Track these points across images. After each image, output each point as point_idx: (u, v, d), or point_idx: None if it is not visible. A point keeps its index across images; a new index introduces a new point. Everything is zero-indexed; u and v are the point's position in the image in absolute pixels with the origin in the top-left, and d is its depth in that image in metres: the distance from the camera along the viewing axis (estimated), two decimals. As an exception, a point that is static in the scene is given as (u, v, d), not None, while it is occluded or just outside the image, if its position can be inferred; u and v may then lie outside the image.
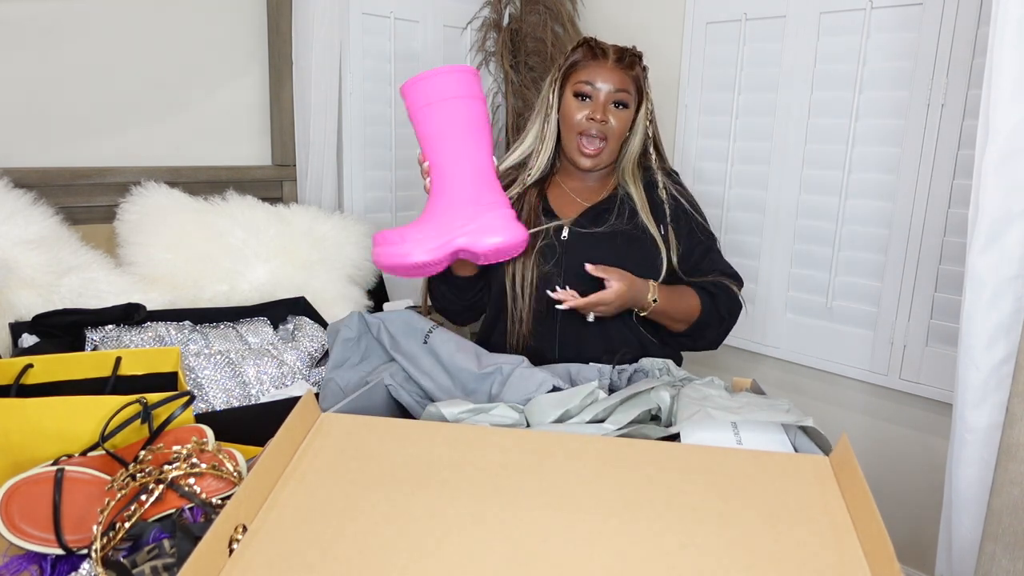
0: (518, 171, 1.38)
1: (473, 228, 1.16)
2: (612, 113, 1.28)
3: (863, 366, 1.76)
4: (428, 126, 1.18)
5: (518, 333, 1.31)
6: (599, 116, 1.27)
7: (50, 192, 1.49)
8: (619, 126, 1.29)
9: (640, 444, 0.76)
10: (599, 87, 1.27)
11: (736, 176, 1.94)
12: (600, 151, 1.29)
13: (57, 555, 0.72)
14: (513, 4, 2.24)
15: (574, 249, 1.29)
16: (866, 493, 0.63)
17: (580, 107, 1.28)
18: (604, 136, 1.29)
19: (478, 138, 1.19)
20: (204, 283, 1.54)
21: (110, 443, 0.84)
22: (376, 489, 0.66)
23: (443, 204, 1.18)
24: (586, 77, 1.28)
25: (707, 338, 1.35)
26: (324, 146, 1.87)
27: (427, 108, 1.18)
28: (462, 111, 1.18)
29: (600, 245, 1.28)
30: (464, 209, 1.17)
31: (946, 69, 1.53)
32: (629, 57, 1.31)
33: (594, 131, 1.28)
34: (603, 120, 1.27)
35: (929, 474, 1.69)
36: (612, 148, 1.31)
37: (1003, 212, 1.06)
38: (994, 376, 1.11)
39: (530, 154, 1.36)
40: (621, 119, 1.29)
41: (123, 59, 1.66)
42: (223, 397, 1.19)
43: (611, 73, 1.28)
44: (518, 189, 1.34)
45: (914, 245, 1.62)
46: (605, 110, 1.27)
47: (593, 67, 1.29)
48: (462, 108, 1.18)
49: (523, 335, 1.30)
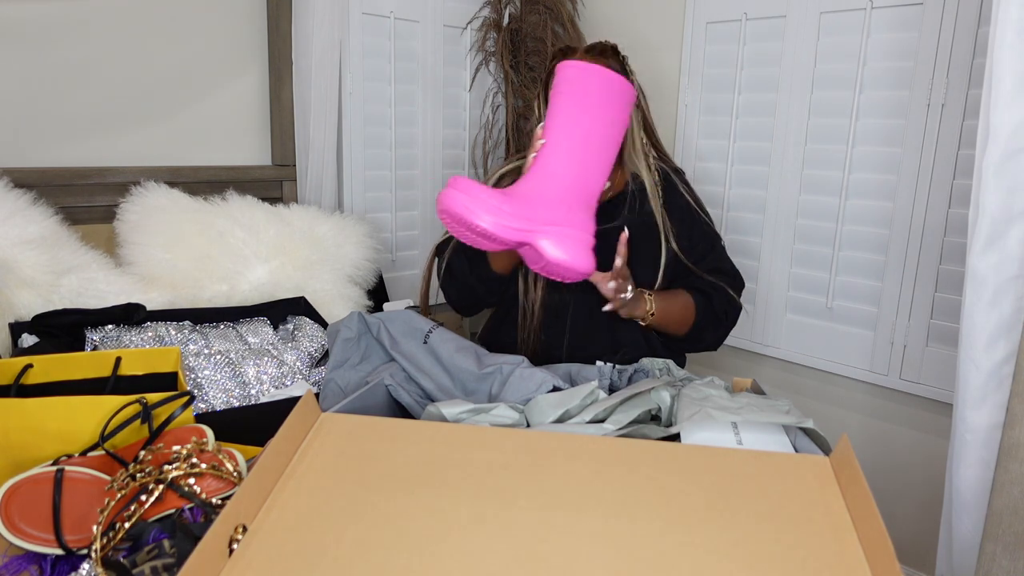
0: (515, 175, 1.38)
1: (554, 232, 1.07)
2: None
3: (863, 366, 1.76)
4: (577, 115, 1.12)
5: (529, 326, 1.32)
6: None
7: (50, 192, 1.49)
8: None
9: (640, 444, 0.76)
10: None
11: (736, 176, 1.94)
12: None
13: (57, 555, 0.72)
14: (513, 4, 2.24)
15: None
16: (866, 493, 0.63)
17: None
18: None
19: (607, 159, 1.16)
20: (204, 283, 1.54)
21: (110, 443, 0.84)
22: (376, 489, 0.66)
23: (539, 192, 1.10)
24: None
25: (705, 340, 1.36)
26: (324, 146, 1.87)
27: (589, 99, 1.12)
28: (616, 127, 1.15)
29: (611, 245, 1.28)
30: (556, 210, 1.09)
31: (946, 69, 1.53)
32: (600, 47, 1.32)
33: None
34: None
35: (929, 474, 1.69)
36: None
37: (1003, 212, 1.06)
38: (994, 376, 1.11)
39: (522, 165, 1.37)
40: None
41: (123, 59, 1.66)
42: (223, 397, 1.19)
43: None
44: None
45: (914, 245, 1.62)
46: None
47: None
48: (618, 125, 1.15)
49: (534, 328, 1.31)
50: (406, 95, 2.09)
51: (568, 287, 1.28)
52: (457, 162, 2.28)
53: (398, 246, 2.16)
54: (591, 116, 1.12)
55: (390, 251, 2.13)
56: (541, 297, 1.31)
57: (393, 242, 2.14)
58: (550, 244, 1.06)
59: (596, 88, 1.12)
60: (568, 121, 1.12)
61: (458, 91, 2.23)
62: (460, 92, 2.24)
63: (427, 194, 2.20)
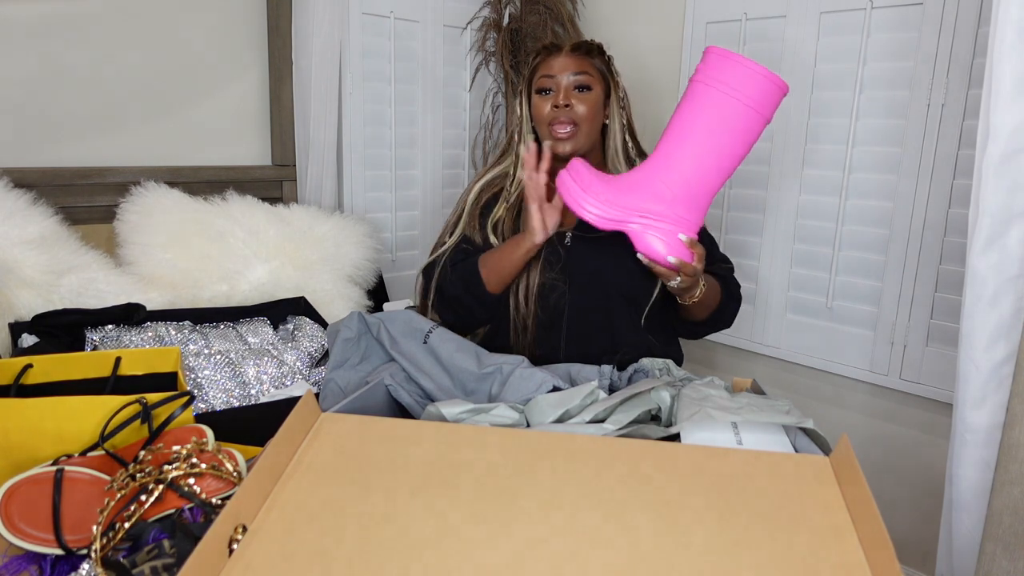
0: (503, 179, 1.38)
1: (661, 225, 1.12)
2: (576, 97, 1.27)
3: (863, 366, 1.76)
4: (720, 115, 1.09)
5: (522, 342, 1.31)
6: (562, 101, 1.26)
7: (50, 192, 1.49)
8: (587, 110, 1.28)
9: (640, 444, 0.76)
10: (557, 76, 1.28)
11: (736, 176, 1.93)
12: (574, 133, 1.28)
13: (57, 555, 0.72)
14: (513, 4, 2.24)
15: (578, 255, 1.29)
16: (866, 493, 0.63)
17: (543, 101, 1.29)
18: (573, 121, 1.27)
19: (733, 162, 1.14)
20: (204, 283, 1.54)
21: (110, 443, 0.84)
22: (376, 489, 0.66)
23: (649, 182, 1.12)
24: (544, 71, 1.30)
25: (725, 320, 1.36)
26: (324, 146, 1.87)
27: (736, 100, 1.08)
28: (751, 136, 1.12)
29: (603, 250, 1.27)
30: (659, 203, 1.12)
31: (946, 69, 1.53)
32: (586, 45, 1.31)
33: (562, 117, 1.27)
34: (566, 104, 1.26)
35: (929, 474, 1.68)
36: (586, 131, 1.29)
37: (1003, 212, 1.06)
38: (994, 376, 1.11)
39: (509, 171, 1.37)
40: (587, 102, 1.28)
41: (123, 59, 1.66)
42: (223, 397, 1.19)
43: (567, 60, 1.29)
44: (503, 204, 1.35)
45: (914, 245, 1.62)
46: (567, 94, 1.27)
47: (550, 60, 1.30)
48: (753, 132, 1.12)
49: (527, 343, 1.31)
50: (406, 95, 2.09)
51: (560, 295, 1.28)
52: (457, 162, 2.28)
53: (398, 246, 2.16)
54: (740, 118, 1.09)
55: (390, 251, 2.13)
56: (534, 312, 1.29)
57: (393, 242, 2.14)
58: (650, 229, 1.13)
59: (758, 92, 1.08)
60: (716, 121, 1.09)
61: (458, 91, 2.23)
62: (460, 92, 2.24)
63: (427, 194, 2.20)
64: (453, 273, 1.32)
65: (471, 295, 1.30)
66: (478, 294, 1.29)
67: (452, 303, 1.33)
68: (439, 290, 1.34)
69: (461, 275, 1.30)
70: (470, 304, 1.31)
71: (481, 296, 1.29)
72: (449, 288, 1.32)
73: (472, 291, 1.29)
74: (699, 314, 1.30)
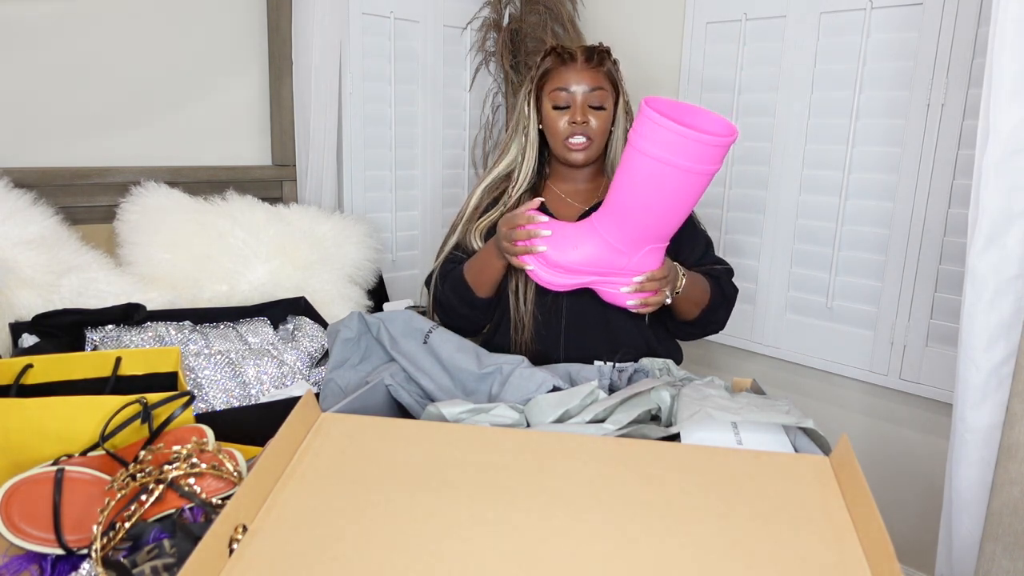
0: (505, 182, 1.39)
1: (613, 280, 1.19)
2: (591, 114, 1.30)
3: (863, 366, 1.76)
4: (658, 183, 1.07)
5: (520, 340, 1.32)
6: (579, 118, 1.28)
7: (50, 192, 1.49)
8: (600, 124, 1.31)
9: (640, 444, 0.76)
10: (574, 90, 1.29)
11: (736, 176, 1.94)
12: (588, 145, 1.31)
13: (57, 555, 0.72)
14: (513, 4, 2.24)
15: None
16: (866, 493, 0.63)
17: (560, 116, 1.31)
18: (588, 135, 1.30)
19: (683, 214, 1.14)
20: (204, 283, 1.54)
21: (110, 443, 0.84)
22: (376, 489, 0.66)
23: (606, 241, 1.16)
24: (560, 83, 1.30)
25: (718, 321, 1.36)
26: (324, 146, 1.87)
27: (672, 168, 1.04)
28: (698, 188, 1.09)
29: None
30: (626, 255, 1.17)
31: (946, 69, 1.53)
32: (598, 55, 1.32)
33: (579, 132, 1.30)
34: (584, 121, 1.29)
35: (929, 474, 1.69)
36: (599, 143, 1.33)
37: (1003, 212, 1.06)
38: (994, 376, 1.11)
39: (513, 168, 1.39)
40: (601, 117, 1.31)
41: (122, 59, 1.66)
42: (223, 397, 1.19)
43: (582, 74, 1.29)
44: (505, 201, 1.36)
45: (914, 245, 1.62)
46: (584, 112, 1.29)
47: (564, 72, 1.30)
48: (699, 186, 1.09)
49: (525, 340, 1.32)
50: (406, 95, 2.09)
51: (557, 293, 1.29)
52: (457, 162, 2.28)
53: (398, 246, 2.16)
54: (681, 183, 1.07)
55: (390, 251, 2.13)
56: (531, 310, 1.31)
57: (393, 242, 2.14)
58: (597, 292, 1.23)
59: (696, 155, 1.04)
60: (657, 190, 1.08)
61: (458, 91, 2.23)
62: (460, 92, 2.24)
63: (427, 194, 2.20)
64: (445, 284, 1.36)
65: (464, 303, 1.33)
66: (470, 300, 1.32)
67: (450, 312, 1.37)
68: (436, 301, 1.39)
69: (451, 285, 1.34)
70: (466, 311, 1.35)
71: (473, 302, 1.32)
72: (443, 298, 1.37)
73: (464, 299, 1.33)
74: (689, 312, 1.31)
